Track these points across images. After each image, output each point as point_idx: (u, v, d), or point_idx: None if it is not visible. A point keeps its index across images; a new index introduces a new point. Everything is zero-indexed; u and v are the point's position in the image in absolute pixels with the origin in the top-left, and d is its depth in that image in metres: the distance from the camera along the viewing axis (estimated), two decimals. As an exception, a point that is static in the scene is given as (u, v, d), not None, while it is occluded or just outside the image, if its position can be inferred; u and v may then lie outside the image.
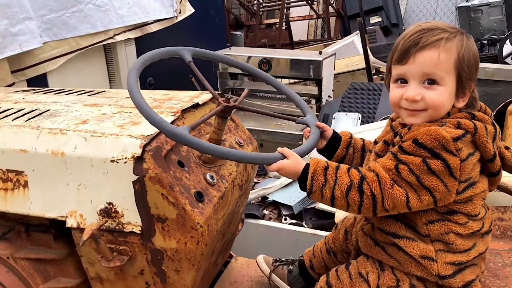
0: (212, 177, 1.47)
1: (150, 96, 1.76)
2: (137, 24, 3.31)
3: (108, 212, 1.38)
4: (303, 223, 2.85)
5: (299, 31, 7.96)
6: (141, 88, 1.41)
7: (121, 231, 1.39)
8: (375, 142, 1.45)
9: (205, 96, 1.73)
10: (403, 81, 1.26)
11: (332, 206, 1.26)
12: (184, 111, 1.55)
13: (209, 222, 1.37)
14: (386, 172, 1.20)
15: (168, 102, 1.64)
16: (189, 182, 1.38)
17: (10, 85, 2.49)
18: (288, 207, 2.93)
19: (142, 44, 3.53)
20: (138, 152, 1.30)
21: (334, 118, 3.58)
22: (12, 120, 1.54)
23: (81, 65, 3.05)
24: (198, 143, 1.23)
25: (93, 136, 1.38)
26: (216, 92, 1.49)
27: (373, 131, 3.36)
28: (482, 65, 3.51)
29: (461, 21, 6.14)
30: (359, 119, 3.50)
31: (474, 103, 1.29)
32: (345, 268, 1.41)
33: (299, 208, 2.90)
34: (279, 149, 1.32)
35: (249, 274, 1.93)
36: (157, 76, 3.80)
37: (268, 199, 3.09)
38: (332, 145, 1.55)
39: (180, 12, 3.69)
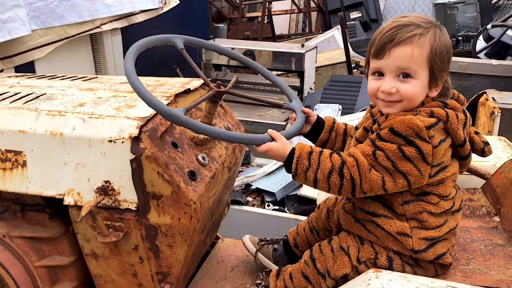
0: (203, 158, 1.55)
1: (142, 82, 1.83)
2: (123, 14, 3.35)
3: (105, 190, 1.45)
4: (285, 209, 2.95)
5: (281, 25, 8.06)
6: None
7: (117, 208, 1.46)
8: (356, 128, 1.55)
9: (196, 82, 1.81)
10: (380, 74, 1.35)
11: (315, 187, 1.36)
12: (177, 95, 1.63)
13: (201, 199, 1.45)
14: (365, 158, 1.31)
15: (161, 88, 1.72)
16: (182, 162, 1.46)
17: (-1, 72, 2.53)
18: (271, 194, 3.03)
19: (128, 34, 3.58)
20: (135, 132, 1.38)
21: (315, 110, 3.69)
22: (10, 103, 1.59)
23: (68, 53, 3.09)
24: (193, 123, 1.32)
25: (91, 117, 1.45)
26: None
27: (352, 122, 3.47)
28: (456, 59, 3.67)
29: (438, 17, 6.33)
30: (340, 110, 3.62)
31: (447, 92, 1.38)
32: (327, 242, 1.51)
33: (282, 195, 3.01)
34: (269, 131, 1.41)
35: (235, 254, 2.02)
36: (141, 66, 3.85)
37: (252, 187, 3.18)
38: (316, 130, 1.65)
39: (165, 3, 3.74)
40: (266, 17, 6.68)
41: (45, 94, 1.68)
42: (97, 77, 1.97)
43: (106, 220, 1.49)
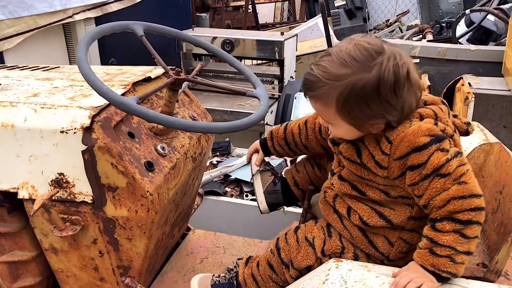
0: (163, 148, 1.51)
1: (103, 71, 1.78)
2: (97, 3, 3.28)
3: (59, 182, 1.40)
4: (264, 199, 2.91)
5: (266, 14, 7.98)
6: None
7: (72, 201, 1.42)
8: (334, 143, 1.38)
9: (158, 70, 1.76)
10: None
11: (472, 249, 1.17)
12: (135, 84, 1.58)
13: (159, 190, 1.41)
14: (450, 190, 1.14)
15: (120, 76, 1.66)
16: (139, 153, 1.41)
17: (-36, 63, 2.45)
18: (249, 184, 2.99)
19: (102, 23, 3.50)
20: (87, 122, 1.33)
21: (295, 98, 3.64)
22: (-38, 94, 1.53)
23: (39, 44, 3.01)
24: (145, 112, 1.26)
25: (43, 108, 1.40)
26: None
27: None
28: (434, 44, 3.64)
29: (421, 4, 6.29)
30: (320, 98, 3.57)
31: (414, 108, 1.22)
32: (293, 232, 1.45)
33: (260, 185, 2.96)
34: None
35: (205, 245, 1.99)
36: (120, 56, 3.78)
37: (230, 177, 3.14)
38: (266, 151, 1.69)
39: (141, -8, 3.67)
40: (250, 6, 6.61)
41: (0, 84, 1.63)
42: (59, 67, 1.92)
43: (62, 213, 1.44)
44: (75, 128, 1.34)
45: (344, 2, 6.85)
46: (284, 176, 1.75)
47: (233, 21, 6.90)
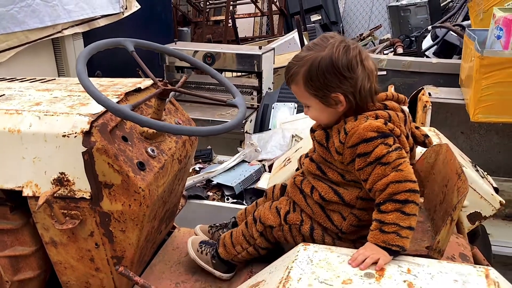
0: (153, 150, 1.70)
1: (97, 82, 1.96)
2: (85, 19, 3.46)
3: (61, 180, 1.58)
4: (244, 202, 3.11)
5: (245, 28, 8.24)
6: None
7: (72, 198, 1.60)
8: (312, 130, 1.64)
9: (147, 82, 1.96)
10: None
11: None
12: (128, 94, 1.78)
13: (150, 187, 1.60)
14: (388, 175, 1.38)
15: (113, 87, 1.86)
16: (132, 154, 1.61)
17: (-40, 76, 2.60)
18: (230, 188, 3.19)
19: (90, 38, 3.67)
20: (87, 127, 1.52)
21: (273, 108, 3.87)
22: (-30, 104, 1.71)
23: (30, 58, 3.18)
24: (138, 117, 1.46)
25: (46, 115, 1.58)
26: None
27: (307, 119, 3.67)
28: (400, 58, 3.91)
29: (392, 19, 6.63)
30: (295, 108, 3.81)
31: (370, 98, 1.48)
32: (270, 202, 1.77)
33: (240, 189, 3.17)
34: None
35: (190, 241, 2.17)
36: (105, 69, 3.95)
37: (212, 182, 3.33)
38: None
39: (126, 8, 3.86)
40: (230, 20, 6.85)
41: (3, 95, 1.80)
42: (55, 79, 2.10)
43: (62, 209, 1.62)
44: (75, 133, 1.52)
45: (320, 17, 7.15)
46: (234, 219, 2.02)
47: (214, 35, 7.13)
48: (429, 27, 4.22)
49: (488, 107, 2.43)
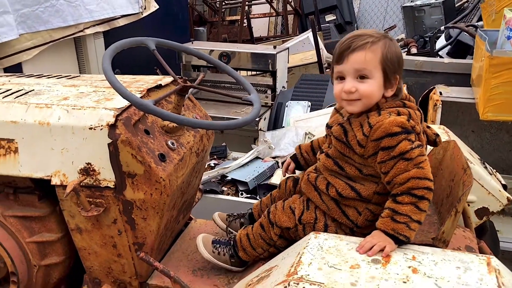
0: (173, 143, 1.80)
1: (120, 79, 2.07)
2: (105, 19, 3.58)
3: (87, 170, 1.69)
4: (257, 197, 3.20)
5: (260, 28, 8.34)
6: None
7: (97, 186, 1.70)
8: (329, 126, 1.72)
9: (167, 79, 2.05)
10: (342, 77, 1.58)
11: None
12: (149, 90, 1.88)
13: (170, 177, 1.70)
14: (410, 172, 1.45)
15: (136, 83, 1.96)
16: (153, 146, 1.71)
17: (-10, 73, 2.74)
18: (244, 183, 3.27)
19: (110, 37, 3.80)
20: (112, 120, 1.62)
21: (286, 106, 3.95)
22: (3, 98, 1.82)
23: (53, 56, 3.31)
24: (160, 111, 1.56)
25: (74, 109, 1.69)
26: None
27: (320, 117, 3.75)
28: (412, 58, 3.97)
29: (407, 19, 6.66)
30: (309, 106, 3.88)
31: (399, 93, 1.60)
32: (282, 201, 1.81)
33: (254, 184, 3.25)
34: None
35: (205, 232, 2.26)
36: (123, 68, 4.08)
37: (227, 178, 3.42)
38: (297, 164, 1.97)
39: (145, 8, 3.98)
40: (245, 20, 6.95)
41: (33, 90, 1.92)
42: (80, 75, 2.21)
43: (88, 197, 1.72)
44: (101, 125, 1.63)
45: (335, 17, 7.22)
46: (251, 211, 2.10)
47: (229, 34, 7.23)
48: (442, 28, 4.27)
49: (497, 106, 2.49)
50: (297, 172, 2.36)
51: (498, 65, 2.40)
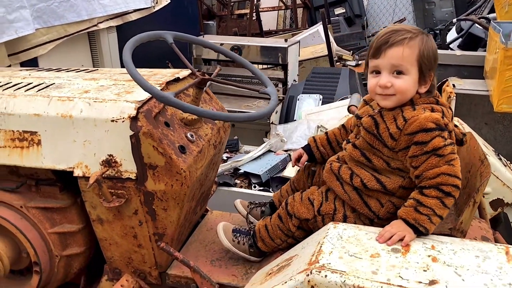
0: (192, 135, 1.83)
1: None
2: (118, 13, 3.61)
3: (109, 162, 1.72)
4: (270, 190, 3.23)
5: (269, 21, 8.33)
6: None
7: (119, 178, 1.74)
8: (358, 117, 1.70)
9: (184, 72, 2.08)
10: (377, 72, 1.59)
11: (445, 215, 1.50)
12: (168, 83, 1.90)
13: (190, 169, 1.73)
14: (440, 167, 1.47)
15: (154, 76, 1.99)
16: (173, 138, 1.73)
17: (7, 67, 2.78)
18: (257, 176, 3.30)
19: (123, 31, 3.83)
20: (133, 113, 1.65)
21: (298, 99, 3.97)
22: (25, 91, 1.86)
23: (67, 50, 3.35)
24: (181, 104, 1.59)
25: (95, 101, 1.72)
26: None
27: (331, 110, 3.77)
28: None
29: (417, 12, 6.64)
30: (320, 99, 3.90)
31: (433, 90, 1.61)
32: (300, 193, 1.82)
33: (267, 177, 3.28)
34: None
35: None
36: (139, 61, 4.11)
37: (240, 171, 3.45)
38: (311, 156, 1.96)
39: (157, 3, 4.00)
40: (254, 14, 6.95)
41: (54, 83, 1.95)
42: (97, 69, 2.24)
43: (110, 188, 1.76)
44: (123, 118, 1.66)
45: (344, 10, 7.20)
46: (272, 200, 2.12)
47: (238, 28, 7.24)
48: (454, 20, 4.26)
49: (511, 98, 2.50)
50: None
51: (513, 57, 2.42)
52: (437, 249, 1.41)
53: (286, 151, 3.65)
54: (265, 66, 4.84)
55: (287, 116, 3.97)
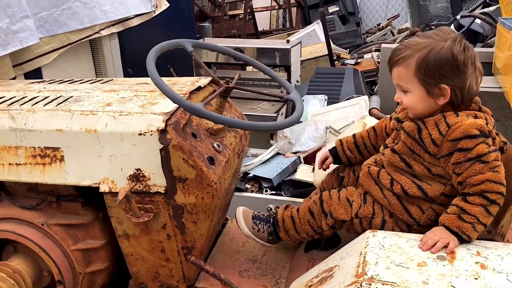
0: (218, 145, 1.79)
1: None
2: (120, 19, 3.55)
3: (137, 176, 1.67)
4: (282, 193, 3.20)
5: (261, 21, 8.28)
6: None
7: (147, 192, 1.69)
8: (399, 121, 1.67)
9: (203, 80, 2.04)
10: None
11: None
12: (191, 93, 1.86)
13: (220, 180, 1.69)
14: (486, 174, 1.44)
15: (175, 86, 1.94)
16: (202, 149, 1.69)
17: (12, 79, 2.71)
18: (268, 180, 3.27)
19: (123, 38, 3.77)
20: (162, 125, 1.61)
21: (303, 101, 3.93)
22: (44, 106, 1.80)
23: (70, 59, 3.28)
24: (214, 115, 1.55)
25: (121, 115, 1.67)
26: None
27: (338, 110, 3.75)
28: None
29: (412, 8, 6.66)
30: (326, 100, 3.87)
31: (473, 98, 1.52)
32: (336, 191, 1.77)
33: (278, 180, 3.25)
34: None
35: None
36: (135, 67, 4.05)
37: (249, 175, 3.42)
38: (336, 159, 1.94)
39: (157, 7, 3.94)
40: (248, 14, 6.91)
41: (72, 96, 1.89)
42: (112, 79, 2.19)
43: (137, 203, 1.71)
44: (151, 131, 1.61)
45: (338, 8, 7.20)
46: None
47: (231, 29, 7.19)
48: (458, 17, 4.26)
49: (530, 94, 2.50)
50: (333, 166, 2.33)
51: (530, 54, 2.41)
52: (483, 255, 1.40)
53: (294, 153, 3.62)
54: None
55: (293, 118, 3.93)
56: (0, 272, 1.83)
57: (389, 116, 1.84)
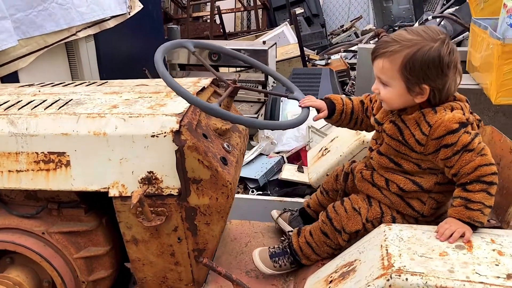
0: (228, 145, 1.78)
1: (156, 83, 2.02)
2: (96, 21, 3.46)
3: (149, 179, 1.64)
4: (269, 193, 3.21)
5: (226, 23, 8.27)
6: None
7: (159, 195, 1.66)
8: (378, 123, 1.70)
9: (204, 81, 2.02)
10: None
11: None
12: (197, 93, 1.84)
13: (233, 180, 1.68)
14: (475, 161, 1.49)
15: (179, 87, 1.91)
16: (214, 150, 1.68)
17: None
18: (254, 181, 3.28)
19: (98, 40, 3.68)
20: (176, 127, 1.58)
21: (282, 101, 3.97)
22: (44, 109, 1.73)
23: (46, 62, 3.16)
24: (228, 114, 1.55)
25: (131, 117, 1.63)
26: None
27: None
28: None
29: (376, 9, 6.85)
30: (304, 100, 3.92)
31: (442, 95, 1.53)
32: (340, 204, 1.79)
33: (264, 181, 3.27)
34: None
35: (244, 232, 2.26)
36: (109, 71, 3.96)
37: (234, 176, 3.41)
38: (331, 112, 1.88)
39: (131, 8, 3.87)
40: (216, 16, 6.89)
41: (72, 99, 1.83)
42: (107, 81, 2.13)
43: (149, 206, 1.67)
44: (165, 132, 1.58)
45: (303, 10, 7.30)
46: (302, 208, 2.12)
47: (197, 31, 7.14)
48: (430, 18, 4.42)
49: (509, 90, 2.63)
50: (326, 167, 2.35)
51: (510, 52, 2.55)
52: (498, 242, 1.46)
53: (277, 153, 3.65)
54: (239, 69, 4.80)
55: (272, 118, 3.96)
56: (0, 285, 1.75)
57: (368, 95, 1.86)
